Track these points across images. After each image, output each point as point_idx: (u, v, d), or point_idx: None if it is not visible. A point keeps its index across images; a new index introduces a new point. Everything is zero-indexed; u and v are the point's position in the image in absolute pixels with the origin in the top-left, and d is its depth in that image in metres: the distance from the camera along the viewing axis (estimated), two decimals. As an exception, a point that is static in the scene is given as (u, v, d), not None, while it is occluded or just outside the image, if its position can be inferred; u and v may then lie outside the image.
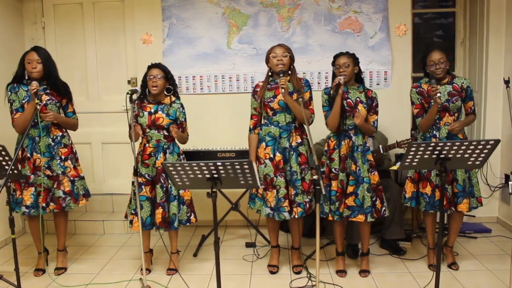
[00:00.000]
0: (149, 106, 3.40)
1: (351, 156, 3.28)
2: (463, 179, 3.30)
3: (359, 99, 3.28)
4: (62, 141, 3.45)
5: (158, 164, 3.37)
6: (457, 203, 3.31)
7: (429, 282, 3.14)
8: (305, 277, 3.39)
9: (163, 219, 3.34)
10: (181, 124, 3.46)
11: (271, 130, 3.33)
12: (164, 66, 3.45)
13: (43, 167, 3.34)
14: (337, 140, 3.32)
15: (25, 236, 4.41)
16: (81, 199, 3.53)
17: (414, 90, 3.42)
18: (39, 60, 3.28)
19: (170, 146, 3.43)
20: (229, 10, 4.60)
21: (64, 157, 3.44)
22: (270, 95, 3.32)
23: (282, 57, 3.24)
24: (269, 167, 3.29)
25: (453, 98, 3.28)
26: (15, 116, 3.31)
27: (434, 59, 3.26)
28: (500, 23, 4.35)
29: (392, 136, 4.23)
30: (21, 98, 3.32)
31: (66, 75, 4.77)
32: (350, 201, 3.26)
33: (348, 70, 3.23)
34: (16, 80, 3.36)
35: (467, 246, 3.94)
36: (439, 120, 3.32)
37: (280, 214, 3.27)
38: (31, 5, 4.74)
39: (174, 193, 3.38)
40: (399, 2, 4.54)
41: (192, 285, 3.28)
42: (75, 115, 3.57)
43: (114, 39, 4.77)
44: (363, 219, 3.26)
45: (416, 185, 3.42)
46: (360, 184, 3.25)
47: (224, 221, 4.26)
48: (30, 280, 3.42)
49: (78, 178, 3.52)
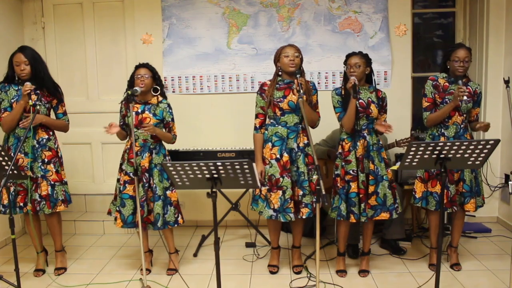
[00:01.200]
0: (136, 106, 3.38)
1: (368, 156, 3.27)
2: (470, 179, 3.30)
3: (370, 99, 3.27)
4: (47, 144, 3.39)
5: (142, 164, 3.36)
6: (464, 202, 3.31)
7: (427, 281, 3.14)
8: (305, 277, 3.39)
9: (141, 218, 3.30)
10: (167, 124, 3.44)
11: (278, 131, 3.30)
12: (151, 66, 3.43)
13: (25, 167, 3.31)
14: (351, 141, 3.29)
15: (25, 236, 4.41)
16: (59, 204, 3.43)
17: (430, 82, 3.35)
18: (26, 61, 3.26)
19: (156, 146, 3.42)
20: (229, 10, 4.60)
21: (47, 160, 3.38)
22: (280, 95, 3.29)
23: (294, 57, 3.22)
24: (275, 168, 3.27)
25: (467, 100, 3.27)
26: (3, 115, 3.29)
27: (460, 56, 3.22)
28: (500, 23, 4.36)
29: (391, 136, 4.23)
30: (11, 97, 3.30)
31: (66, 75, 4.80)
32: (372, 201, 3.26)
33: (358, 70, 3.21)
34: (7, 80, 3.34)
35: (467, 246, 3.94)
36: (448, 118, 3.29)
37: (286, 215, 3.25)
38: (31, 5, 4.74)
39: (159, 193, 3.36)
40: (399, 2, 4.55)
41: (192, 285, 3.28)
42: (65, 116, 3.53)
43: (114, 39, 4.77)
44: (387, 217, 3.28)
45: (425, 185, 3.40)
46: (379, 182, 3.26)
47: (224, 221, 4.26)
48: (30, 281, 3.42)
49: (59, 183, 3.44)
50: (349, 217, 3.27)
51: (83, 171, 4.91)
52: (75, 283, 3.36)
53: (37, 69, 3.31)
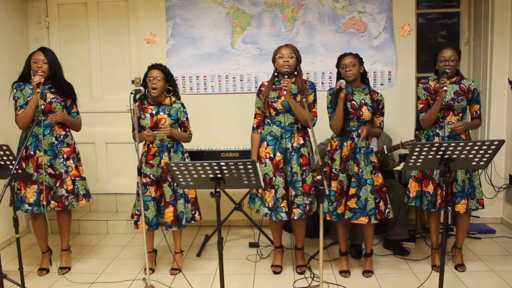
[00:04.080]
0: (150, 108, 3.40)
1: (353, 158, 3.27)
2: (462, 179, 3.29)
3: (363, 101, 3.27)
4: (65, 140, 3.46)
5: (163, 164, 3.38)
6: (455, 203, 3.30)
7: (426, 280, 3.13)
8: (308, 277, 3.39)
9: (174, 217, 3.35)
10: (182, 124, 3.48)
11: (273, 130, 3.33)
12: (164, 67, 3.43)
13: (45, 165, 3.35)
14: (339, 140, 3.31)
15: (29, 235, 4.42)
16: (81, 199, 3.54)
17: (421, 85, 3.43)
18: (45, 60, 3.31)
19: (174, 145, 3.43)
20: (233, 10, 4.61)
21: (66, 156, 3.45)
22: (275, 95, 3.32)
23: (288, 58, 3.23)
24: (269, 167, 3.30)
25: (459, 98, 3.28)
26: (18, 113, 3.33)
27: (445, 55, 3.27)
28: (505, 24, 4.34)
29: (396, 137, 4.22)
30: (26, 95, 3.33)
31: (70, 75, 4.78)
32: (352, 203, 3.24)
33: (354, 69, 3.23)
34: (23, 79, 3.38)
35: (471, 246, 3.93)
36: (442, 119, 3.32)
37: (278, 215, 3.27)
38: (35, 4, 4.75)
39: (180, 191, 3.39)
40: (403, 2, 4.54)
41: (196, 285, 3.28)
42: (79, 115, 3.59)
43: (118, 38, 4.78)
44: (366, 221, 3.25)
45: (420, 184, 3.42)
46: (362, 186, 3.24)
47: (227, 221, 4.26)
48: (34, 280, 3.43)
49: (79, 178, 3.53)
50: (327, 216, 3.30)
51: (86, 171, 4.82)
52: (79, 282, 3.37)
53: (54, 70, 3.37)
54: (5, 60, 4.18)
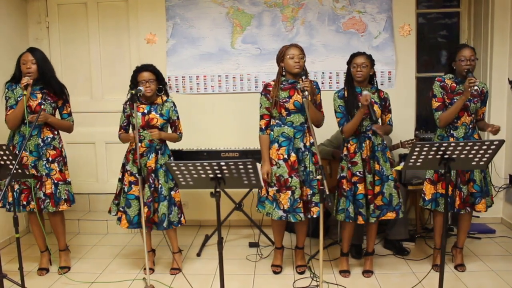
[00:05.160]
0: (141, 107, 3.39)
1: (373, 157, 3.27)
2: (480, 179, 3.28)
3: (373, 100, 3.26)
4: (52, 143, 3.41)
5: (149, 164, 3.36)
6: (475, 203, 3.29)
7: (423, 278, 3.13)
8: (308, 277, 3.39)
9: (147, 219, 3.33)
10: (173, 123, 3.48)
11: (285, 131, 3.29)
12: (153, 67, 3.41)
13: (30, 165, 3.33)
14: (357, 143, 3.28)
15: (29, 235, 4.42)
16: (62, 203, 3.44)
17: (437, 83, 3.33)
18: (33, 60, 3.29)
19: (162, 147, 3.43)
20: (233, 10, 4.61)
21: (51, 159, 3.40)
22: (285, 95, 3.28)
23: (299, 59, 3.21)
24: (283, 168, 3.25)
25: (475, 99, 3.26)
26: (8, 113, 3.32)
27: (466, 55, 3.21)
28: (505, 24, 4.34)
29: (396, 136, 4.22)
30: (17, 96, 3.32)
31: (70, 75, 4.81)
32: (378, 201, 3.26)
33: (365, 70, 3.23)
34: (15, 80, 3.38)
35: (471, 246, 3.93)
36: (457, 119, 3.28)
37: (296, 215, 3.24)
38: (35, 4, 4.75)
39: (164, 194, 3.37)
40: (403, 2, 4.54)
41: (196, 285, 3.28)
42: (70, 117, 3.55)
43: (118, 38, 4.78)
44: (393, 216, 3.28)
45: (435, 187, 3.37)
46: (385, 182, 3.26)
47: (227, 221, 4.26)
48: (34, 279, 3.43)
49: (63, 182, 3.45)
50: (357, 219, 3.26)
51: (86, 171, 4.92)
52: (79, 281, 3.37)
53: (44, 70, 3.34)
54: (5, 60, 4.17)
